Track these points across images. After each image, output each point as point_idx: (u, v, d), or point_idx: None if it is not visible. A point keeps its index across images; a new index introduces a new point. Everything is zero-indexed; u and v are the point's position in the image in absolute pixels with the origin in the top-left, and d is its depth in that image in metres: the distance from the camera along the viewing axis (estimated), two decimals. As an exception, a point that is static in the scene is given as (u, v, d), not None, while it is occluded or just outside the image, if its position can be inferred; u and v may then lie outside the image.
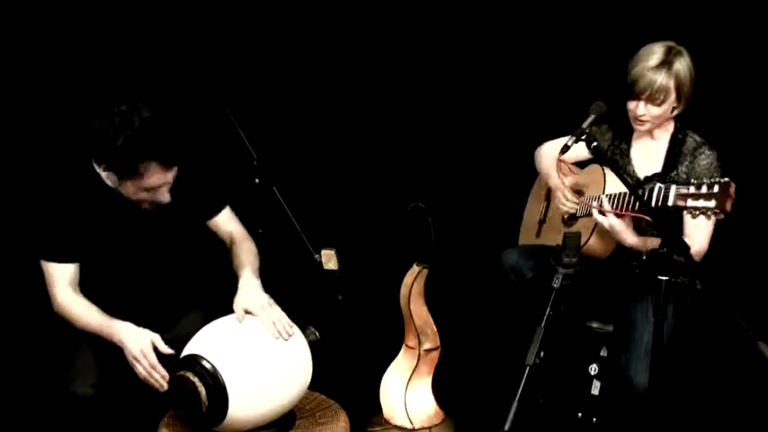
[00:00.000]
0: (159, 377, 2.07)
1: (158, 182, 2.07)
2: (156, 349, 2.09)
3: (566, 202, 2.60)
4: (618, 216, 2.32)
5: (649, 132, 2.50)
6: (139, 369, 2.07)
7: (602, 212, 2.34)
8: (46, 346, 2.88)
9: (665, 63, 2.33)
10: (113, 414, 2.13)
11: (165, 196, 2.11)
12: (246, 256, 2.30)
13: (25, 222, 2.25)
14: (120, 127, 1.97)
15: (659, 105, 2.36)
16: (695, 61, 2.40)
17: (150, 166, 2.02)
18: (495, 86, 3.35)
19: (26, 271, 3.00)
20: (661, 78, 2.32)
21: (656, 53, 2.35)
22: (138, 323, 2.14)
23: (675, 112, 2.43)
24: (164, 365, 2.09)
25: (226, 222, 2.38)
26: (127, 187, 2.09)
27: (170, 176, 2.08)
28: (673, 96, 2.36)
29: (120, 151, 1.98)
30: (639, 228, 2.42)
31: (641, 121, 2.41)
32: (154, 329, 2.14)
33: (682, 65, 2.35)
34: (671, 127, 2.49)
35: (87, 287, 2.21)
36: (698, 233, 2.37)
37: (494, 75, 3.35)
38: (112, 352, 2.11)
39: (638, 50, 2.39)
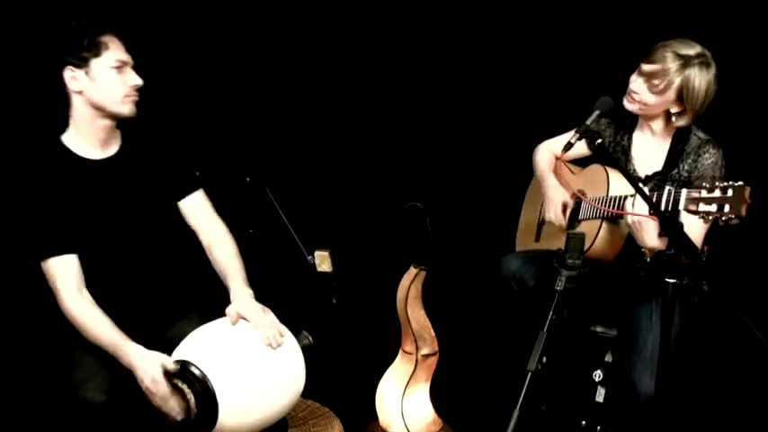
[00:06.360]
0: (170, 408, 2.05)
1: (123, 56, 2.20)
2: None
3: (557, 216, 2.57)
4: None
5: (652, 127, 2.45)
6: (152, 399, 2.06)
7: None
8: (45, 341, 2.84)
9: (685, 59, 2.27)
10: (124, 420, 2.11)
11: (136, 77, 2.22)
12: (230, 261, 2.31)
13: (16, 229, 2.28)
14: (69, 22, 2.18)
15: (655, 93, 2.31)
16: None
17: (109, 37, 2.18)
18: (495, 85, 3.35)
19: (25, 269, 3.00)
20: (670, 65, 2.26)
21: (687, 46, 2.28)
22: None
23: (675, 119, 2.36)
24: None
25: (199, 208, 2.38)
26: (99, 75, 2.17)
27: (130, 58, 2.24)
28: (672, 96, 2.30)
29: (80, 27, 2.17)
30: None
31: (631, 97, 2.37)
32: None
33: (696, 74, 2.27)
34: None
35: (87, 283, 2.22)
36: (692, 231, 2.28)
37: (493, 74, 3.35)
38: None
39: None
